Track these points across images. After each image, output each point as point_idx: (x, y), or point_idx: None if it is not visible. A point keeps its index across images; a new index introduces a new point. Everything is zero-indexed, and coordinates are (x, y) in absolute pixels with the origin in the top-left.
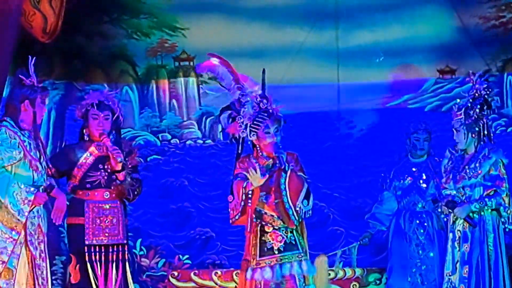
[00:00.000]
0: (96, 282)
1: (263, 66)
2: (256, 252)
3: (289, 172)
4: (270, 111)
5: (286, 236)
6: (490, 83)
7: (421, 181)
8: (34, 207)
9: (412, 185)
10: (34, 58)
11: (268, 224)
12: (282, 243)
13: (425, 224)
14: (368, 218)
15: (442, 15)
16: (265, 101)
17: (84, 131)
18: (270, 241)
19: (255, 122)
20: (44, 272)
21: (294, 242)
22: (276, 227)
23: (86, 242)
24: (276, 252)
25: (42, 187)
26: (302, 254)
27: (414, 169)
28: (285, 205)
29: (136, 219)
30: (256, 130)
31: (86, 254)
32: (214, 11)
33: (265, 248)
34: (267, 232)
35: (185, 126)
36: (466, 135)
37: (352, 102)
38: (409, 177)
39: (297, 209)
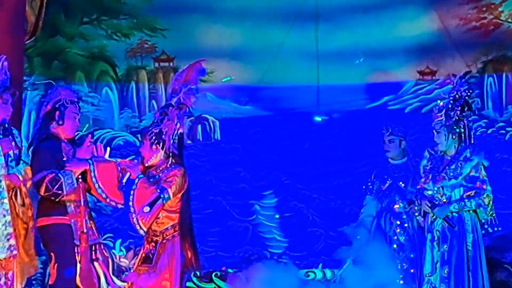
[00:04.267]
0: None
1: (242, 66)
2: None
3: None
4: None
5: (149, 250)
6: (471, 84)
7: (400, 182)
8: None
9: (392, 186)
10: (4, 56)
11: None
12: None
13: (405, 225)
14: (355, 226)
15: (422, 16)
16: None
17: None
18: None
19: None
20: (10, 274)
21: (150, 256)
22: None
23: (90, 243)
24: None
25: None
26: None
27: (393, 171)
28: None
29: (116, 219)
30: None
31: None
32: (193, 12)
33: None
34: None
35: None
36: (447, 137)
37: (332, 103)
38: (389, 179)
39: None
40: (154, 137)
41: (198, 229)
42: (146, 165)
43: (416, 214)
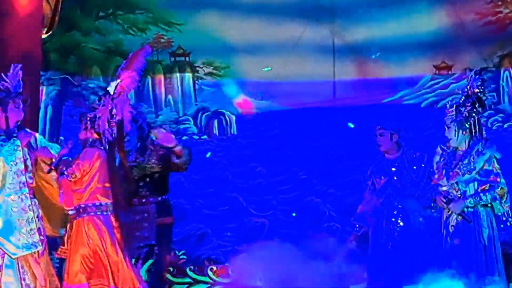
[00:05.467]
0: None
1: (258, 61)
2: None
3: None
4: None
5: None
6: (486, 80)
7: (395, 178)
8: None
9: (388, 183)
10: (20, 65)
11: None
12: None
13: (400, 222)
14: (353, 219)
15: (438, 11)
16: None
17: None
18: None
19: None
20: (28, 275)
21: None
22: None
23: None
24: None
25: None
26: None
27: (389, 166)
28: None
29: None
30: None
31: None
32: (210, 7)
33: None
34: None
35: (181, 121)
36: (457, 132)
37: (348, 98)
38: (383, 175)
39: None
40: (88, 122)
41: (214, 225)
42: None
43: (433, 211)
